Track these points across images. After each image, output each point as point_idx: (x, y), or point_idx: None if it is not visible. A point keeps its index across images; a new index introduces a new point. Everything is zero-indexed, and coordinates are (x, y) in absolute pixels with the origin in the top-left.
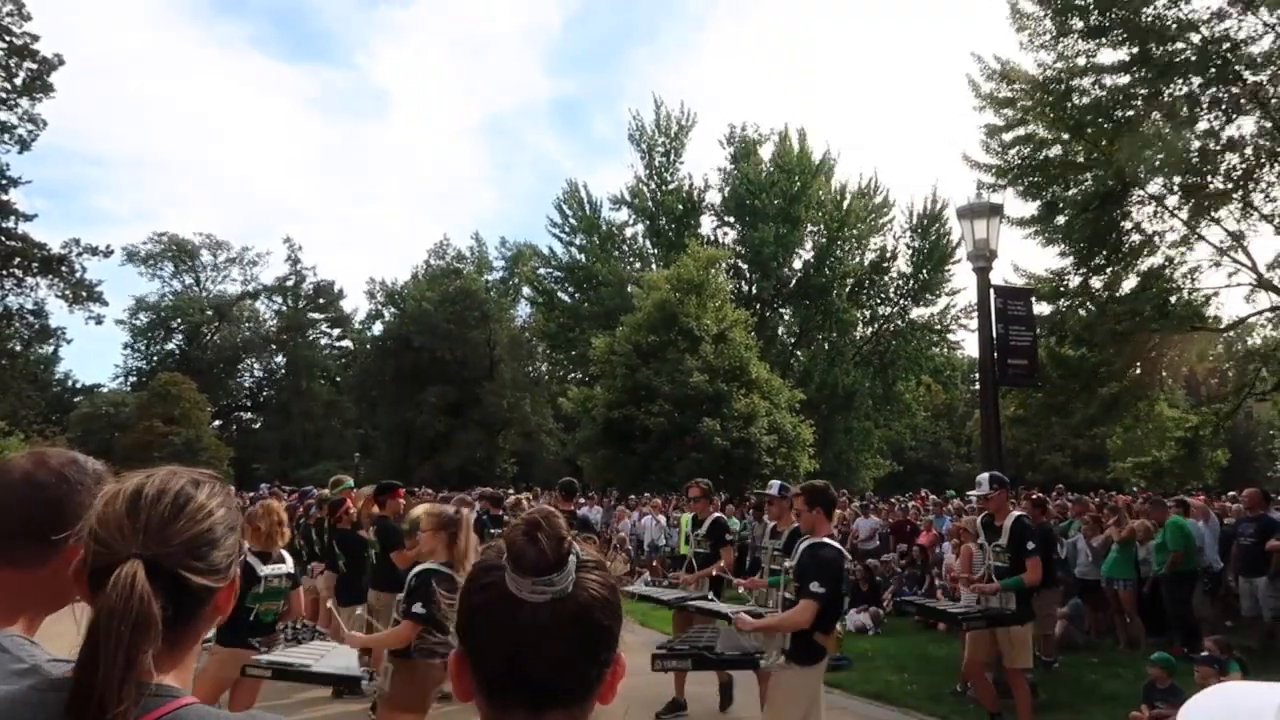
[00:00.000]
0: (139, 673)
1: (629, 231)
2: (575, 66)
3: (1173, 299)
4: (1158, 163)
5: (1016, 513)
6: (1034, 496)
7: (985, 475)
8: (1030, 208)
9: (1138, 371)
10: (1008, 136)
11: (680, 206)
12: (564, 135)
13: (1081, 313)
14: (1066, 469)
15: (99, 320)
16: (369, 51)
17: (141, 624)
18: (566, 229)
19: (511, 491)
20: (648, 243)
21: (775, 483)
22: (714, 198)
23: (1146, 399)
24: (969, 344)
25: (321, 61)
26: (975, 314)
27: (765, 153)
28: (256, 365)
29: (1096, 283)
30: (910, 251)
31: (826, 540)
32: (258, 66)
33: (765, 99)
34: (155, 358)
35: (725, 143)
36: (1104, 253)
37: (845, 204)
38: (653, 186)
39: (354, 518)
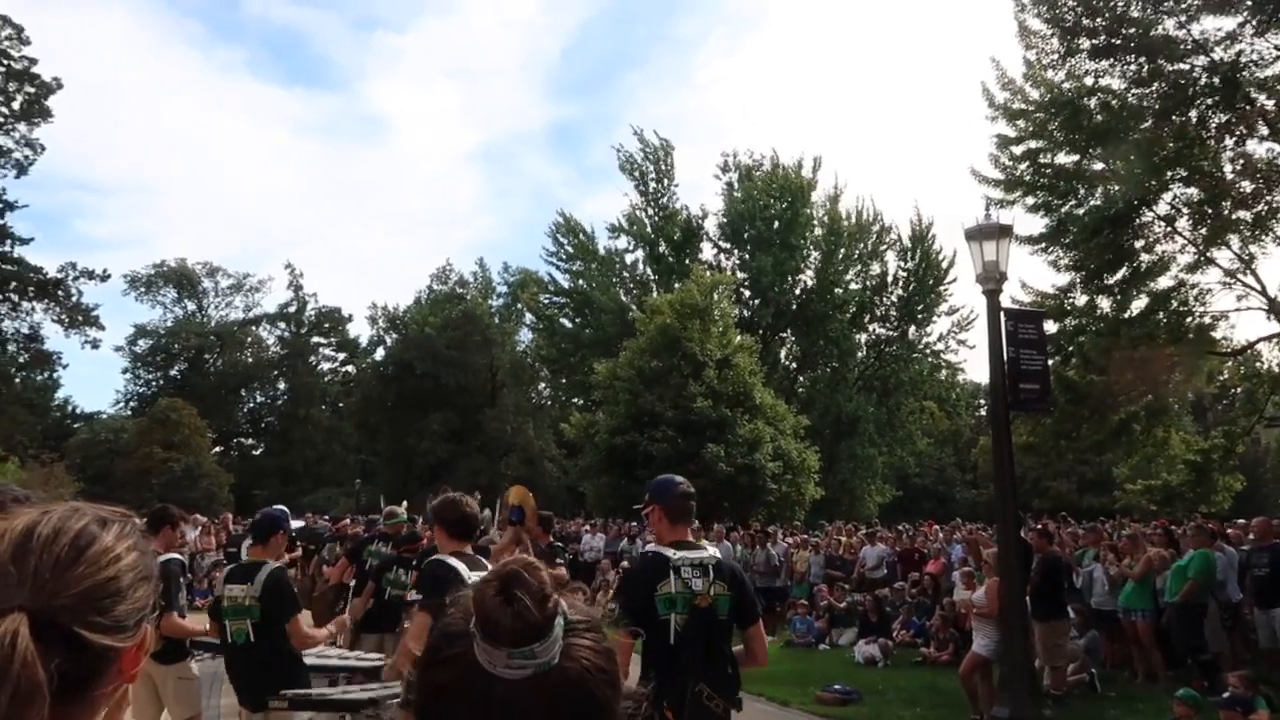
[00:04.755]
0: None
1: (629, 258)
2: (573, 93)
3: (1187, 321)
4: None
5: None
6: (1040, 526)
7: None
8: (1038, 225)
9: (1149, 396)
10: (1018, 149)
11: (678, 233)
12: (562, 161)
13: (1084, 336)
14: (1072, 495)
15: (95, 345)
16: (366, 77)
17: (24, 693)
18: (562, 256)
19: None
20: (648, 269)
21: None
22: (712, 224)
23: (1159, 424)
24: (970, 367)
25: (319, 87)
26: (972, 331)
27: (759, 179)
28: (259, 391)
29: (1105, 303)
30: (904, 274)
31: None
32: (255, 92)
33: (758, 124)
34: (156, 384)
35: (721, 171)
36: (1113, 273)
37: (841, 228)
38: (650, 213)
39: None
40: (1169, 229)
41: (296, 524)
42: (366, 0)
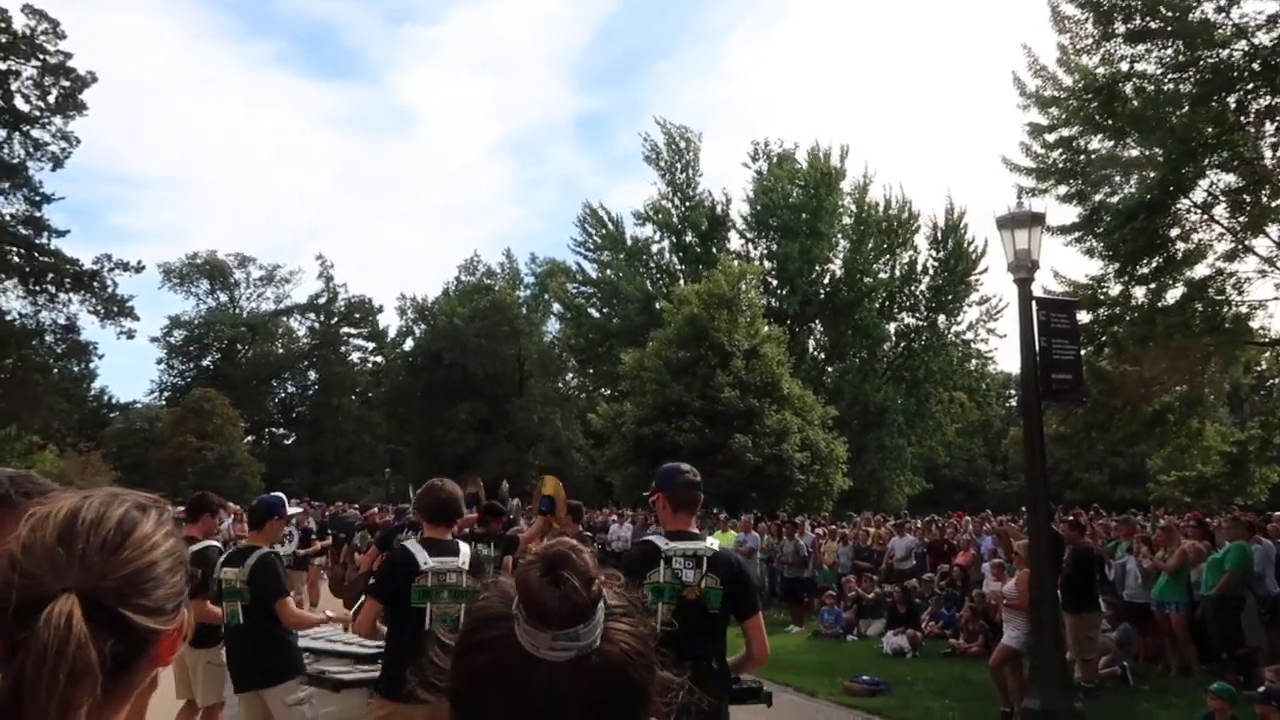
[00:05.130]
0: None
1: (654, 248)
2: (600, 83)
3: (1224, 310)
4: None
5: None
6: (1071, 518)
7: None
8: (1070, 214)
9: (1183, 387)
10: (1051, 137)
11: (705, 222)
12: (589, 151)
13: (1118, 326)
14: (1104, 487)
15: (131, 335)
16: (396, 69)
17: (79, 671)
18: (590, 247)
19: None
20: (674, 258)
21: None
22: (738, 212)
23: (1194, 415)
24: (1000, 357)
25: (350, 80)
26: (1000, 319)
27: (786, 167)
28: (290, 381)
29: (1139, 292)
30: (935, 263)
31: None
32: (287, 85)
33: (786, 112)
34: (190, 374)
35: (750, 159)
36: (1148, 261)
37: (869, 216)
38: (676, 203)
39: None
40: (1206, 216)
41: (294, 510)
42: None
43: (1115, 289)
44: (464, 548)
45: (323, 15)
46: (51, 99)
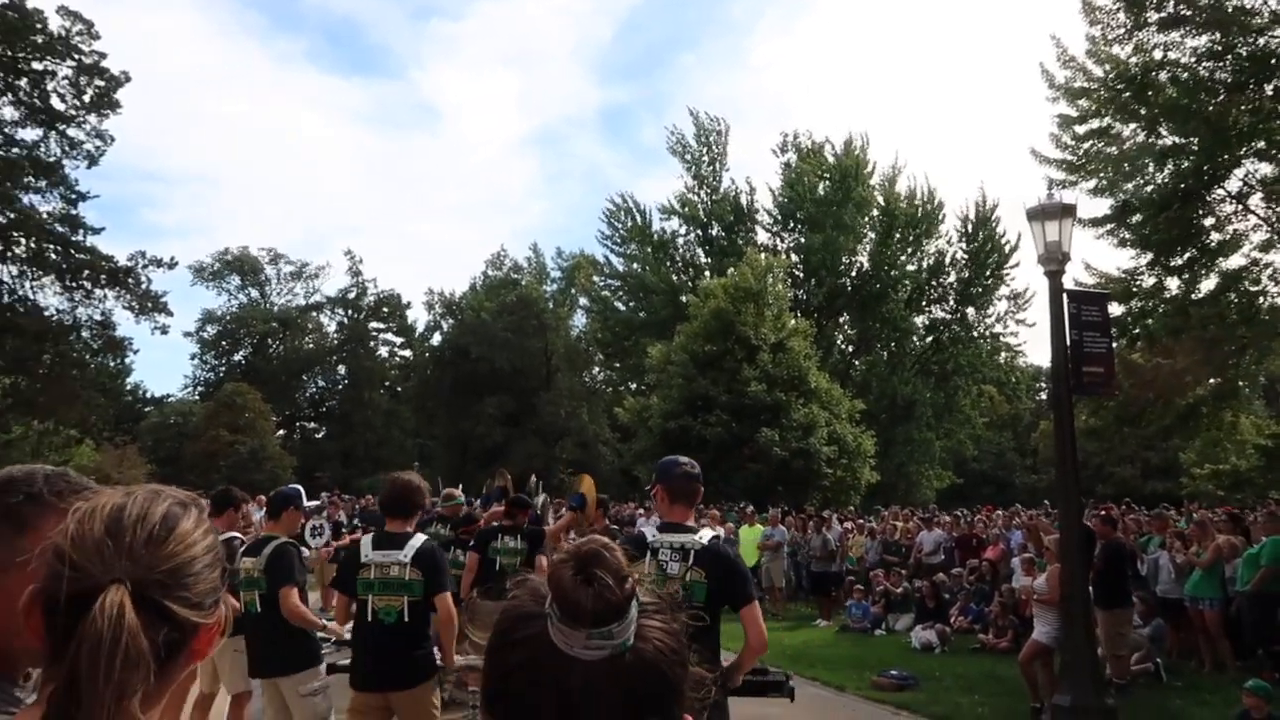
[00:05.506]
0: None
1: (680, 240)
2: (624, 76)
3: (1259, 301)
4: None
5: None
6: (1103, 512)
7: None
8: (1102, 206)
9: (1217, 380)
10: (1081, 129)
11: (731, 215)
12: (614, 144)
13: (1150, 320)
14: (1136, 481)
15: (164, 330)
16: (422, 65)
17: (133, 659)
18: (617, 240)
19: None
20: (700, 251)
21: None
22: (764, 204)
23: (1228, 408)
24: (1030, 349)
25: (375, 75)
26: (1030, 310)
27: (813, 161)
28: (320, 376)
29: (1173, 284)
30: (965, 256)
31: None
32: (314, 81)
33: (812, 104)
34: (222, 369)
35: (778, 151)
36: (1181, 252)
37: (897, 208)
38: (702, 195)
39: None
40: (1241, 206)
41: (312, 503)
42: None
43: (1148, 280)
44: (413, 541)
45: (349, 11)
46: (86, 98)
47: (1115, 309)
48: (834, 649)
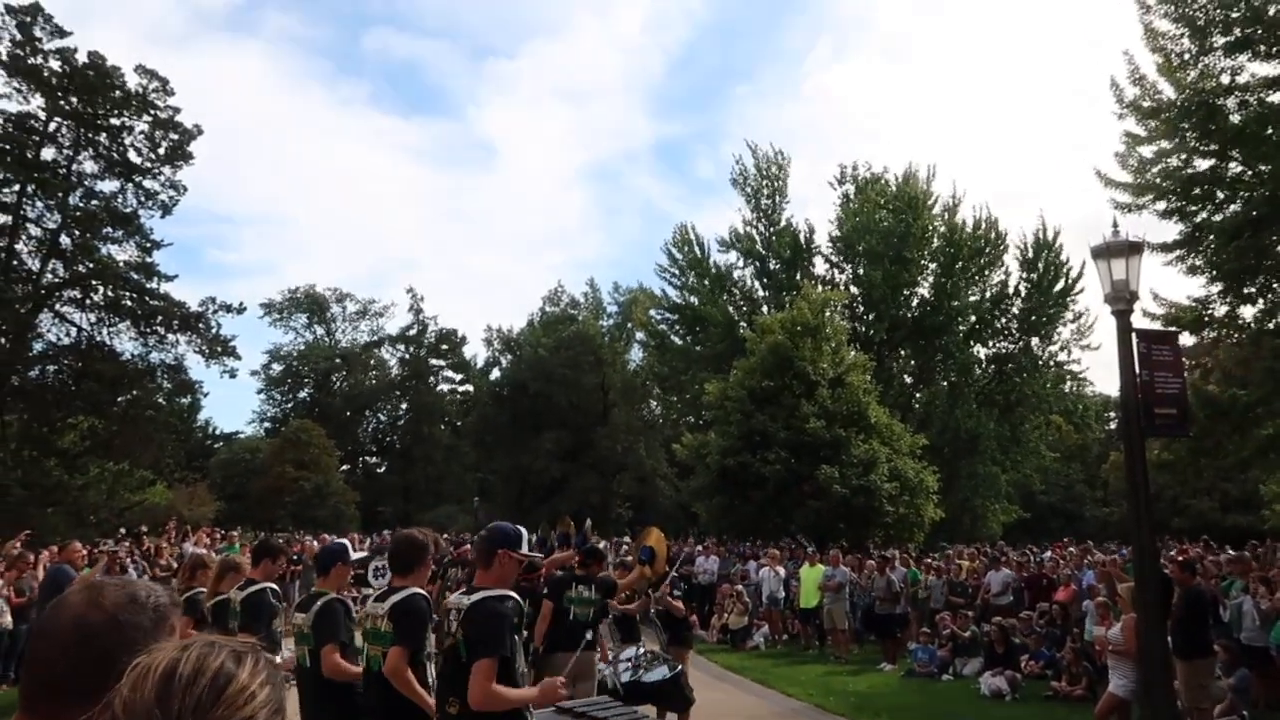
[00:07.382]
0: None
1: (737, 274)
2: (677, 109)
3: None
4: None
5: None
6: (1182, 559)
7: None
8: (1170, 230)
9: None
10: (1149, 151)
11: (789, 249)
12: (668, 177)
13: (1222, 349)
14: (1214, 514)
15: (233, 374)
16: (478, 103)
17: None
18: (676, 271)
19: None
20: (757, 285)
21: None
22: (823, 237)
23: None
24: (1096, 377)
25: (433, 115)
26: (1093, 334)
27: (872, 192)
28: (381, 411)
29: (1247, 312)
30: (1027, 285)
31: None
32: (376, 123)
33: (867, 134)
34: (288, 405)
35: (837, 182)
36: (1257, 280)
37: (960, 238)
38: (761, 229)
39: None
40: None
41: (358, 555)
42: (480, 30)
43: (1221, 310)
44: (397, 596)
45: (408, 55)
46: (161, 151)
47: (1187, 339)
48: (901, 696)
